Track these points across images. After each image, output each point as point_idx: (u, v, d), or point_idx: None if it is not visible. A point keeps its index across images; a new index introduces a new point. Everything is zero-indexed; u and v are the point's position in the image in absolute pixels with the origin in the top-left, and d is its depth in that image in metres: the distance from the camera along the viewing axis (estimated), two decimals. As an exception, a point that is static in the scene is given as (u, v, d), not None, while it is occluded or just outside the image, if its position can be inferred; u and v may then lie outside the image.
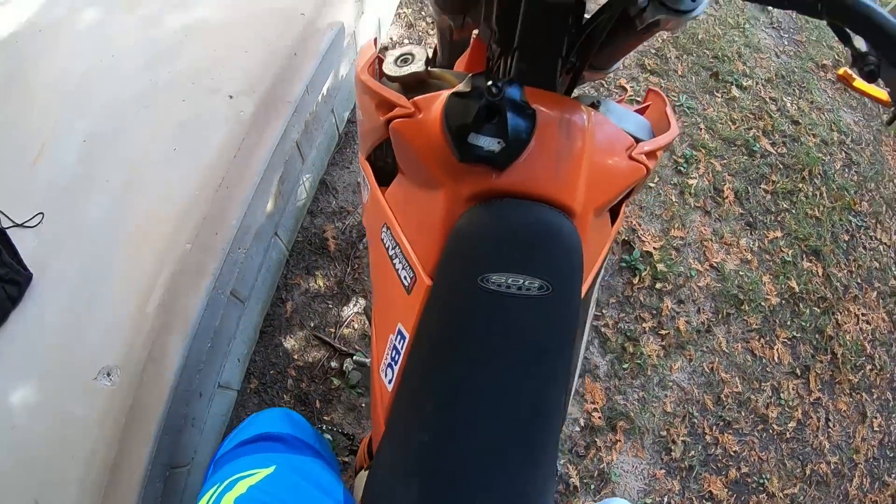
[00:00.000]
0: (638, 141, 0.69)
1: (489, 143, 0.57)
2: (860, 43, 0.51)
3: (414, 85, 0.74)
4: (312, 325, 1.47)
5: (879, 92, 0.60)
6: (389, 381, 0.66)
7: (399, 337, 0.66)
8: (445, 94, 0.61)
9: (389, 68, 0.74)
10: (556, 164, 0.60)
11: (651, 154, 0.69)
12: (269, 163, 1.28)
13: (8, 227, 1.11)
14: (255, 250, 1.31)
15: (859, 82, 0.63)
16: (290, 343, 1.44)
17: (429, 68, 0.74)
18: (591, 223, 0.64)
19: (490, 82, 0.54)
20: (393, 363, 0.66)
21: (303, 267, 1.54)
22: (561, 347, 0.62)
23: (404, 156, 0.70)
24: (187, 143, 1.27)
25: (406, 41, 2.05)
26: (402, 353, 0.65)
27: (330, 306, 1.51)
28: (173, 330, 1.08)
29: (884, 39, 0.48)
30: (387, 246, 0.71)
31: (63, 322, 1.07)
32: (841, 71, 0.64)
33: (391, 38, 2.05)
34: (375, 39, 0.85)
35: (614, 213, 0.78)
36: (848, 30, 0.51)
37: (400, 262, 0.68)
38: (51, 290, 1.09)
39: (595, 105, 0.74)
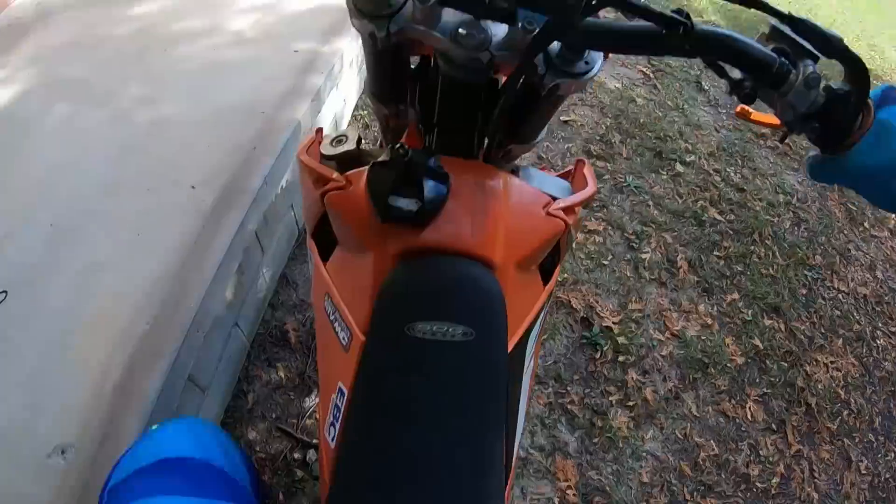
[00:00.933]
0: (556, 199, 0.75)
1: (407, 204, 0.62)
2: (734, 72, 0.58)
3: (348, 162, 0.80)
4: (274, 416, 1.51)
5: (771, 118, 0.65)
6: (332, 439, 0.69)
7: (339, 395, 0.69)
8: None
9: (325, 149, 0.83)
10: (473, 220, 0.66)
11: (569, 210, 0.74)
12: (228, 250, 1.34)
13: None
14: (216, 338, 1.35)
15: (755, 114, 0.69)
16: (252, 435, 1.47)
17: (360, 147, 0.82)
18: (515, 277, 0.69)
19: (398, 144, 0.62)
20: (335, 421, 0.69)
21: (264, 359, 1.60)
22: (490, 393, 0.64)
23: (338, 225, 0.76)
24: (150, 231, 1.35)
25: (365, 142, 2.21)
26: (342, 409, 0.68)
27: (292, 397, 1.55)
28: (130, 411, 1.10)
29: (747, 61, 0.55)
30: (328, 312, 0.75)
31: (19, 398, 1.10)
32: (738, 108, 0.70)
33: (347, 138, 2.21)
34: (320, 129, 0.91)
35: (549, 274, 0.82)
36: (719, 62, 0.57)
37: (339, 325, 0.72)
38: (9, 365, 1.13)
39: (514, 171, 0.82)
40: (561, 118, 2.58)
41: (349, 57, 2.04)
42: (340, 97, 2.09)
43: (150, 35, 1.93)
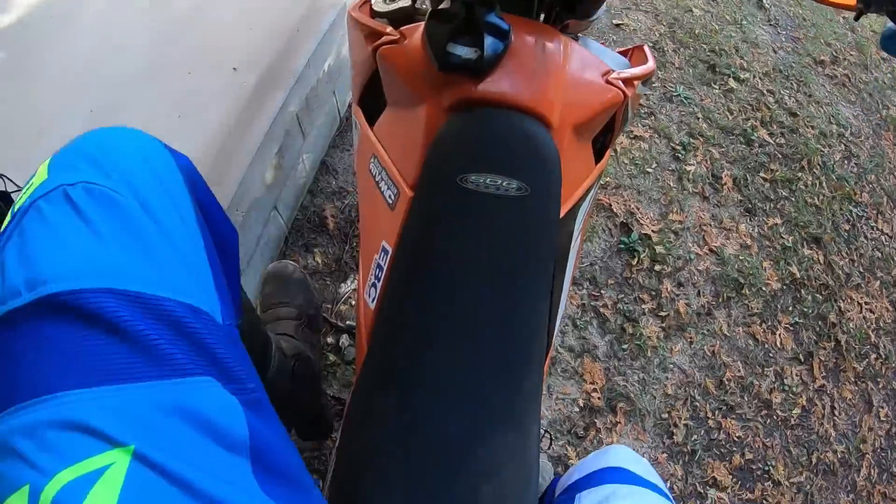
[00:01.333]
0: None
1: (466, 52, 0.59)
2: None
3: (402, 19, 0.78)
4: (309, 300, 1.45)
5: None
6: (372, 300, 0.65)
7: (382, 254, 0.65)
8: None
9: (378, 6, 0.80)
10: (532, 77, 0.63)
11: (628, 82, 0.71)
12: (269, 131, 1.31)
13: (13, 192, 1.11)
14: (255, 220, 1.31)
15: None
16: (287, 319, 1.41)
17: (415, 4, 0.79)
18: (570, 141, 0.66)
19: None
20: (376, 281, 0.65)
21: (301, 244, 1.54)
22: (540, 254, 0.62)
23: (390, 80, 0.72)
24: (190, 112, 1.31)
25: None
26: (385, 268, 0.64)
27: (327, 283, 1.50)
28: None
29: None
30: (373, 174, 0.73)
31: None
32: None
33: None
34: None
35: (600, 154, 0.79)
36: None
37: (385, 184, 0.69)
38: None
39: (574, 39, 0.78)
40: (613, 21, 2.40)
41: (397, -55, 1.91)
42: (387, -15, 1.95)
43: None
